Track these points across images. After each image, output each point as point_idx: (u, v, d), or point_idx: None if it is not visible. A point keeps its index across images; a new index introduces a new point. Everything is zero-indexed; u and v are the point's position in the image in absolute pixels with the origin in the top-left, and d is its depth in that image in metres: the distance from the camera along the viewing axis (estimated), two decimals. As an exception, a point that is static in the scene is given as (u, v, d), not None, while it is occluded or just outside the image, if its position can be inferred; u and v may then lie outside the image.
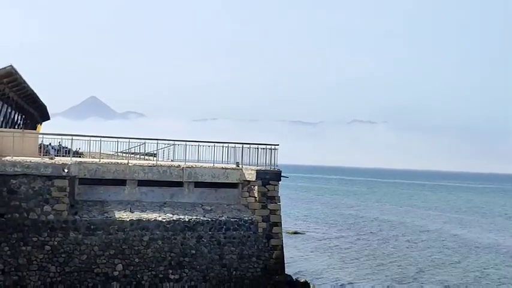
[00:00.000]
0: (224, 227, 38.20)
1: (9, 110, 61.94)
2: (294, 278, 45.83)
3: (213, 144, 41.19)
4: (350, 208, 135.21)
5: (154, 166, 39.10)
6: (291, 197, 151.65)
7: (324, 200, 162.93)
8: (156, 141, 42.08)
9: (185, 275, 36.80)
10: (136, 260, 35.98)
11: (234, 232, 38.38)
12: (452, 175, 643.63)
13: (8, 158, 35.33)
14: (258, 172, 39.76)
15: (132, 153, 47.74)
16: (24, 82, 56.10)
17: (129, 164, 38.70)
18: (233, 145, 41.60)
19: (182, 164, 40.07)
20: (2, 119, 58.93)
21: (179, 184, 39.51)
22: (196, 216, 38.00)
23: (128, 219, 36.24)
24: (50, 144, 45.39)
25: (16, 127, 67.41)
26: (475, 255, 70.91)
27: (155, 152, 43.89)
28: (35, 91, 64.68)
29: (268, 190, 39.86)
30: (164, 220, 36.95)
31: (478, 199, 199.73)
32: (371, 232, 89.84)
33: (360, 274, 55.89)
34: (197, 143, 40.84)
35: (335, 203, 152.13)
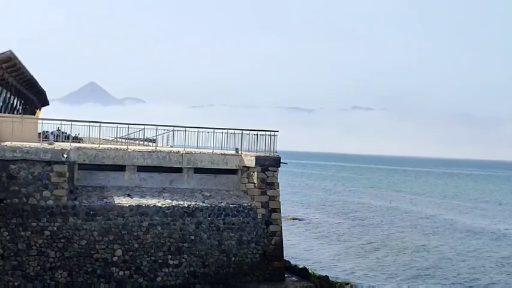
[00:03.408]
0: (223, 213, 38.20)
1: (8, 95, 61.80)
2: (292, 263, 45.98)
3: (212, 130, 41.12)
4: (348, 194, 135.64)
5: (153, 152, 39.05)
6: (290, 183, 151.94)
7: (322, 186, 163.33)
8: (155, 127, 41.96)
9: (184, 260, 36.84)
10: (136, 245, 35.98)
11: (233, 218, 38.39)
12: (449, 162, 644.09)
13: (7, 143, 35.25)
14: (257, 158, 39.73)
15: (132, 139, 47.70)
16: (24, 67, 55.96)
17: (129, 150, 38.66)
18: (232, 131, 41.52)
19: (181, 150, 40.04)
20: (1, 104, 58.83)
21: (178, 170, 39.48)
22: (196, 202, 37.99)
23: (127, 205, 36.22)
24: (46, 131, 45.27)
25: (15, 112, 67.27)
26: (475, 242, 71.24)
27: (154, 137, 43.85)
28: (34, 76, 64.53)
29: (268, 176, 39.84)
30: (163, 206, 36.93)
31: (472, 185, 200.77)
32: (367, 218, 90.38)
33: (357, 260, 56.09)
34: (196, 129, 40.77)
35: (333, 189, 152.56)
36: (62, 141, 41.71)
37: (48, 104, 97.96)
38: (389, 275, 50.62)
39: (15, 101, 69.02)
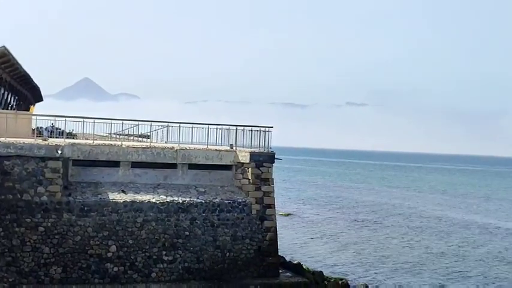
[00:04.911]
0: (218, 208, 38.20)
1: (2, 91, 61.66)
2: (287, 259, 46.03)
3: (207, 126, 41.06)
4: (341, 190, 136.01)
5: (148, 148, 39.01)
6: (284, 178, 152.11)
7: (316, 181, 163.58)
8: (149, 123, 41.93)
9: (179, 256, 36.85)
10: (130, 241, 35.98)
11: (228, 214, 38.40)
12: (442, 157, 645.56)
13: (1, 139, 35.17)
14: (251, 154, 39.72)
15: (126, 135, 47.64)
16: (17, 63, 55.86)
17: (123, 146, 38.62)
18: (227, 127, 41.50)
19: (176, 145, 39.99)
20: (-6, 100, 58.70)
21: (173, 166, 39.46)
22: (190, 198, 37.99)
23: (121, 201, 36.20)
24: (40, 127, 45.18)
25: (9, 108, 67.12)
26: (465, 236, 71.53)
27: (149, 133, 43.80)
28: (28, 72, 64.40)
29: (262, 172, 39.83)
30: (158, 202, 36.93)
31: (462, 180, 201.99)
32: (360, 213, 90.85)
33: (351, 256, 56.21)
34: (191, 125, 40.67)
35: (327, 185, 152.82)
36: (56, 137, 41.64)
37: (42, 100, 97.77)
38: (383, 270, 50.77)
39: (9, 96, 68.86)
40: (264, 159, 39.94)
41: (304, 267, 43.79)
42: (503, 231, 78.72)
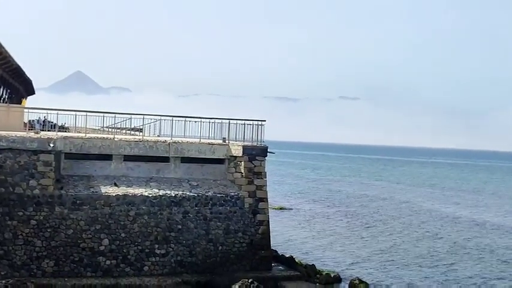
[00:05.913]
0: (210, 202, 38.22)
1: (-7, 84, 61.42)
2: (279, 253, 46.07)
3: (199, 119, 41.03)
4: (334, 184, 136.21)
5: (140, 141, 38.98)
6: (277, 172, 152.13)
7: (309, 175, 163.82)
8: (142, 116, 41.87)
9: (171, 249, 36.88)
10: (123, 234, 35.98)
11: (220, 207, 38.43)
12: (434, 151, 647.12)
13: (-7, 132, 35.08)
14: (244, 148, 39.74)
15: (118, 128, 47.54)
16: (10, 56, 55.63)
17: (115, 139, 38.57)
18: (220, 121, 41.50)
19: (168, 139, 39.98)
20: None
21: (165, 159, 39.45)
22: (183, 191, 37.99)
23: (113, 194, 36.18)
24: (33, 120, 45.06)
25: (1, 101, 66.83)
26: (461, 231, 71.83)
27: (141, 127, 43.72)
28: (20, 65, 64.15)
29: (255, 166, 39.87)
30: (150, 195, 36.93)
31: (451, 174, 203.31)
32: (352, 207, 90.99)
33: (343, 249, 56.28)
34: (184, 119, 40.67)
35: (319, 179, 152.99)
36: (48, 131, 41.56)
37: (34, 93, 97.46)
38: (375, 264, 50.82)
39: (1, 90, 68.58)
40: (256, 153, 39.98)
41: (296, 260, 43.86)
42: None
